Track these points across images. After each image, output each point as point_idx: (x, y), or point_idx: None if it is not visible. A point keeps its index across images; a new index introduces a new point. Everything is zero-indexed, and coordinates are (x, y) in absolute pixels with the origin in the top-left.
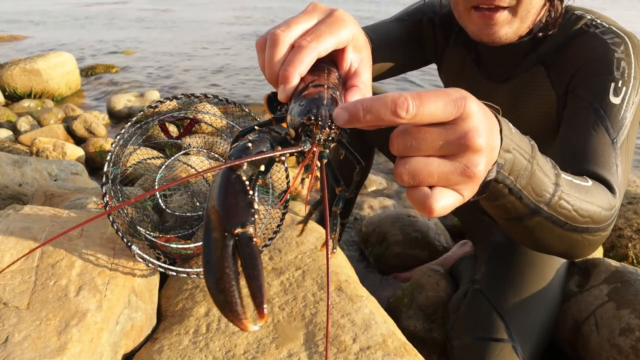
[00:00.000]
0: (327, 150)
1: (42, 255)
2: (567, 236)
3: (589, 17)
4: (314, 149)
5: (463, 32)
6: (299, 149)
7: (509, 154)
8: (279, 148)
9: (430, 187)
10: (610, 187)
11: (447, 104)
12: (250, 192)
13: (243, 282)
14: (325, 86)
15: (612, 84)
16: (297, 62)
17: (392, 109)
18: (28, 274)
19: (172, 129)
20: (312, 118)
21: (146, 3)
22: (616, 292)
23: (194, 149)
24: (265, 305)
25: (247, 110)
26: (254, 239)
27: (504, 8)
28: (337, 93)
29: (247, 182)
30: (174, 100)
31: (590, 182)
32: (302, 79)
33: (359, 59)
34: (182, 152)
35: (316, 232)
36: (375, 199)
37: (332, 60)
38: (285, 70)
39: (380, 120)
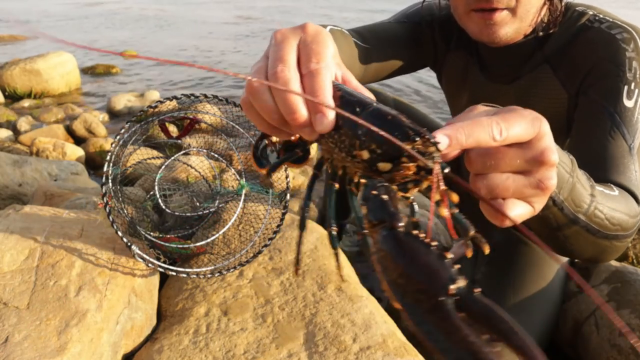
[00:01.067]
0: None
1: (42, 255)
2: (598, 243)
3: (591, 12)
4: (436, 167)
5: (463, 35)
6: (426, 170)
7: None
8: (395, 187)
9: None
10: (633, 195)
11: (528, 126)
12: (434, 242)
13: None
14: (374, 103)
15: (625, 87)
16: (324, 85)
17: (491, 134)
18: (28, 274)
19: (172, 129)
20: (420, 137)
21: (146, 3)
22: (616, 292)
23: (194, 149)
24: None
25: None
26: (475, 291)
27: (503, 8)
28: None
29: (420, 233)
30: (174, 100)
31: (616, 191)
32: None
33: (339, 66)
34: (182, 152)
35: (316, 232)
36: None
37: None
38: (319, 97)
39: (476, 144)
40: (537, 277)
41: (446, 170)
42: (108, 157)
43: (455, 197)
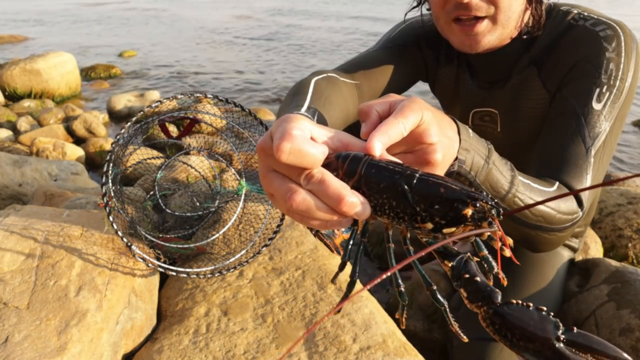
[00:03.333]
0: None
1: (42, 255)
2: (520, 229)
3: (575, 11)
4: (497, 224)
5: (451, 48)
6: (489, 231)
7: (468, 153)
8: (482, 254)
9: None
10: (577, 198)
11: (417, 117)
12: (530, 305)
13: None
14: (406, 169)
15: (597, 89)
16: (337, 187)
17: (401, 131)
18: (28, 274)
19: (172, 129)
20: (479, 201)
21: (146, 3)
22: (616, 292)
23: (194, 149)
24: None
25: (247, 110)
26: (574, 329)
27: (483, 18)
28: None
29: (518, 302)
30: (174, 100)
31: (554, 187)
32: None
33: (329, 131)
34: (182, 152)
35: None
36: None
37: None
38: (345, 203)
39: (393, 142)
40: (537, 277)
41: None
42: (108, 157)
43: (511, 240)
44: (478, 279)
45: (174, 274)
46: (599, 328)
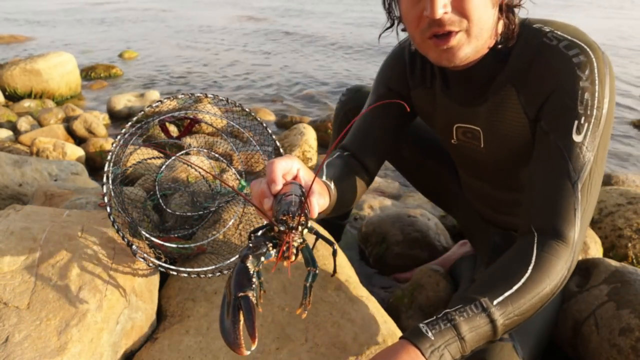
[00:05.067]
0: (300, 239)
1: (42, 255)
2: (535, 312)
3: (547, 29)
4: (290, 233)
5: (424, 69)
6: (279, 232)
7: (443, 352)
8: (270, 245)
9: None
10: (565, 239)
11: None
12: (252, 272)
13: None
14: (293, 195)
15: (576, 122)
16: (276, 177)
17: None
18: (28, 274)
19: (172, 129)
20: (285, 214)
21: (147, 3)
22: (616, 292)
23: (194, 149)
24: (256, 335)
25: (247, 110)
26: (251, 297)
27: (457, 32)
28: (302, 198)
29: (250, 268)
30: (174, 100)
31: (529, 270)
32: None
33: (309, 177)
34: (182, 152)
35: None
36: (375, 199)
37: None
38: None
39: None
40: None
41: (301, 242)
42: (108, 157)
43: (293, 257)
44: (251, 245)
45: (174, 273)
46: (599, 328)
